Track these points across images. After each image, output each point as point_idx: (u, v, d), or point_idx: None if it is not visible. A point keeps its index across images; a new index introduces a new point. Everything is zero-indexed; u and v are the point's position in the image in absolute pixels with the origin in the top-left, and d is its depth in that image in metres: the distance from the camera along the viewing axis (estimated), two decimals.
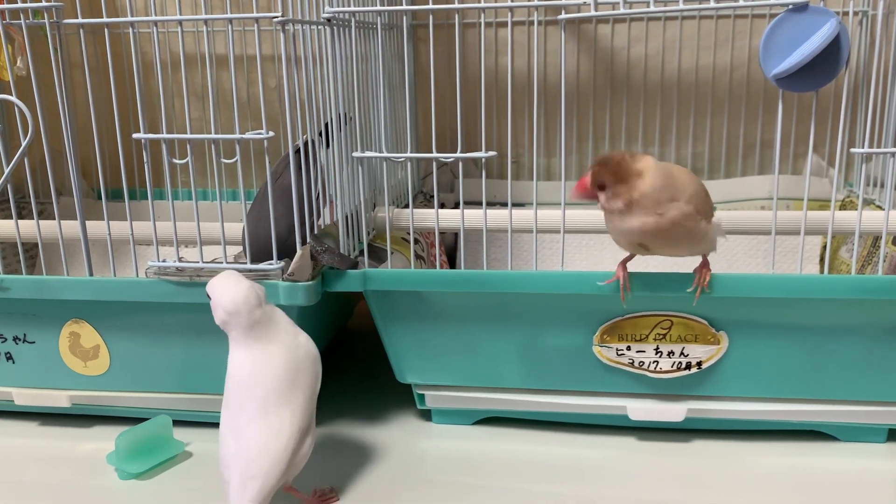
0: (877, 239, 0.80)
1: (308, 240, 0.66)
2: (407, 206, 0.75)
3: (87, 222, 0.70)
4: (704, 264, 0.62)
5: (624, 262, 0.63)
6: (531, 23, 0.98)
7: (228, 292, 0.58)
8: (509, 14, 0.63)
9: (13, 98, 0.65)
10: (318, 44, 0.69)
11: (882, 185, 0.83)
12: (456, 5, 0.62)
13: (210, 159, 0.64)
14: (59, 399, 0.74)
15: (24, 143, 0.65)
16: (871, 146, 0.62)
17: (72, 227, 0.70)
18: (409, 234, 0.81)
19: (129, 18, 0.63)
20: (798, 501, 0.62)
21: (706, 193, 0.60)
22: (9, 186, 0.68)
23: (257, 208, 0.69)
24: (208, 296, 0.59)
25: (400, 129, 0.87)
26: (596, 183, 0.57)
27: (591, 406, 0.70)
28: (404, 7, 0.68)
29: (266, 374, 0.58)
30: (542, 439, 0.72)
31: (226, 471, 0.57)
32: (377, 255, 0.73)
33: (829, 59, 0.57)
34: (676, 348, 0.66)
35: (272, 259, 0.65)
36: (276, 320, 0.59)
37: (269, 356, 0.58)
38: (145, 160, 0.65)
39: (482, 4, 0.64)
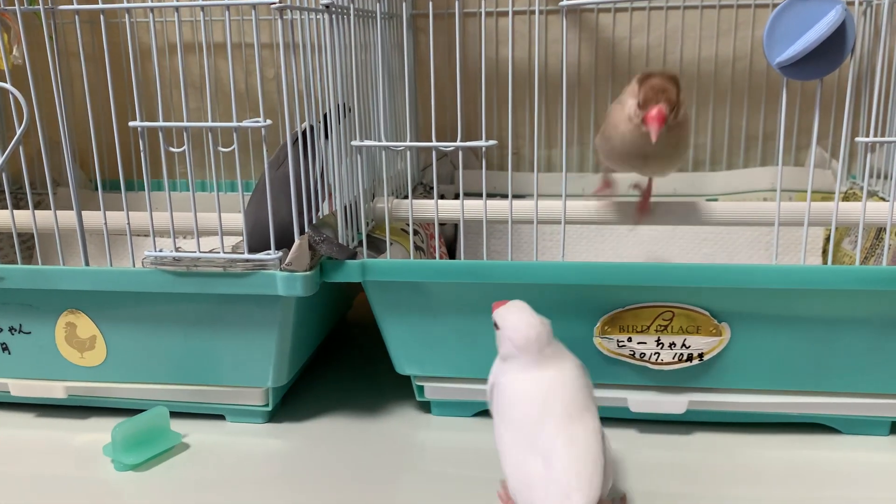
0: (880, 230, 0.79)
1: (306, 230, 0.65)
2: (406, 196, 0.74)
3: (84, 212, 0.70)
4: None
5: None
6: (532, 12, 0.97)
7: (520, 328, 0.57)
8: (510, 3, 0.62)
9: (8, 86, 0.64)
10: (317, 32, 0.68)
11: (886, 177, 0.83)
12: None
13: (208, 149, 0.64)
14: (55, 390, 0.74)
15: (18, 132, 0.64)
16: (875, 136, 0.61)
17: (68, 217, 0.70)
18: (408, 224, 0.80)
19: (125, 4, 0.62)
20: (800, 494, 0.61)
21: None
22: (5, 177, 0.68)
23: (258, 198, 0.68)
24: (496, 325, 0.59)
25: (399, 119, 0.86)
26: (674, 103, 0.60)
27: None
28: None
29: (559, 391, 0.55)
30: None
31: (528, 491, 0.52)
32: (376, 246, 0.73)
33: (833, 47, 0.56)
34: (678, 340, 0.66)
35: (271, 246, 0.64)
36: (561, 351, 0.58)
37: (558, 375, 0.56)
38: (142, 148, 0.64)
39: None
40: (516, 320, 0.57)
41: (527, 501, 0.53)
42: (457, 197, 0.68)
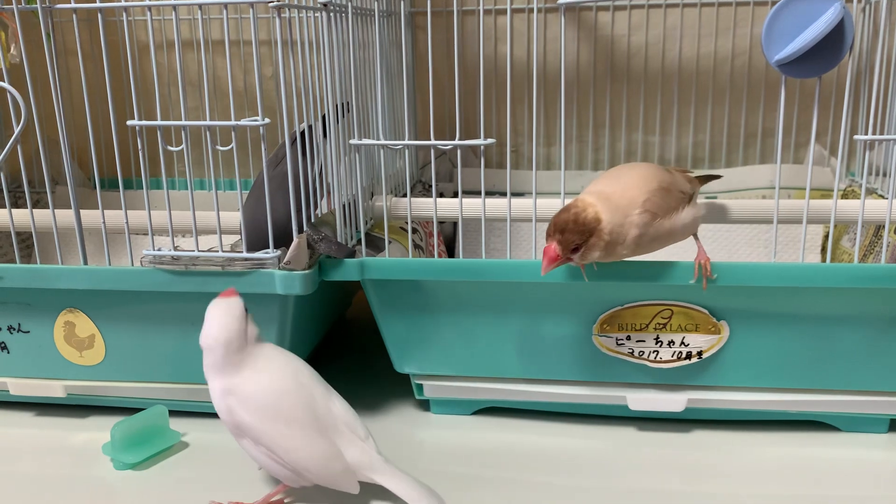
0: (879, 228, 0.79)
1: (305, 228, 0.65)
2: (405, 195, 0.74)
3: (83, 211, 0.70)
4: (701, 252, 0.62)
5: None
6: (531, 10, 0.97)
7: (211, 331, 0.58)
8: (508, 1, 0.62)
9: (6, 84, 0.64)
10: (315, 30, 0.68)
11: (885, 174, 0.83)
12: None
13: (206, 148, 0.63)
14: (54, 389, 0.73)
15: (16, 131, 0.64)
16: (873, 134, 0.61)
17: (66, 216, 0.70)
18: (407, 223, 0.80)
19: (122, 3, 0.62)
20: (798, 492, 0.61)
21: (662, 187, 0.60)
22: (4, 176, 0.68)
23: (256, 195, 0.68)
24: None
25: (398, 117, 0.86)
26: (569, 248, 0.58)
27: (591, 396, 0.70)
28: None
29: (303, 365, 0.61)
30: (542, 430, 0.71)
31: (336, 462, 0.57)
32: (375, 245, 0.73)
33: (832, 45, 0.56)
34: (677, 338, 0.66)
35: (269, 245, 0.64)
36: (264, 352, 0.60)
37: (281, 352, 0.61)
38: (140, 147, 0.64)
39: None
40: (213, 320, 0.58)
41: (334, 472, 0.57)
42: (456, 195, 0.68)
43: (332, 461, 0.57)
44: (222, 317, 0.58)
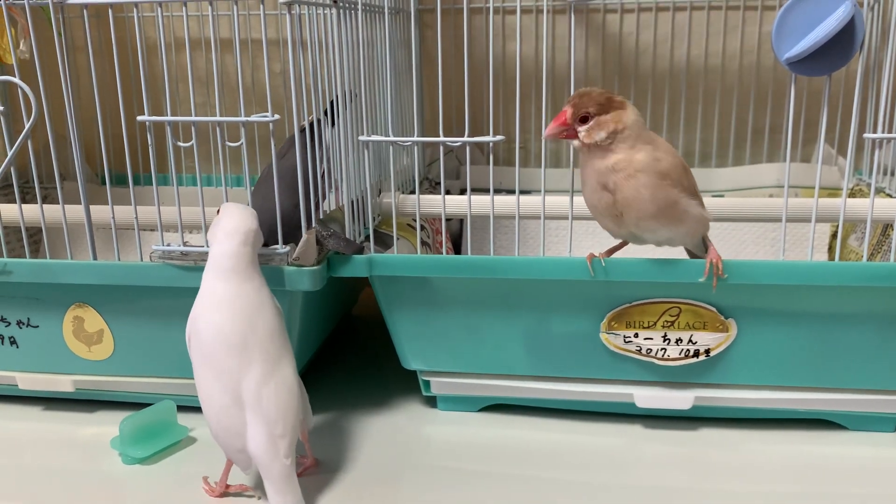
0: (887, 227, 0.79)
1: (313, 224, 0.65)
2: (412, 191, 0.74)
3: (91, 206, 0.70)
4: (712, 251, 0.62)
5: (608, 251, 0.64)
6: (539, 10, 0.97)
7: (234, 218, 0.59)
8: (518, 0, 0.62)
9: (16, 79, 0.64)
10: (324, 27, 0.68)
11: (892, 174, 0.83)
12: None
13: (215, 144, 0.64)
14: (62, 384, 0.74)
15: (27, 125, 0.65)
16: (882, 133, 0.61)
17: (75, 211, 0.70)
18: (414, 220, 0.80)
19: None
20: (805, 491, 0.61)
21: (685, 169, 0.61)
22: (13, 171, 0.68)
23: (263, 191, 0.68)
24: (218, 212, 0.61)
25: (406, 114, 0.86)
26: (578, 115, 0.57)
27: (598, 393, 0.70)
28: None
29: (260, 330, 0.58)
30: (549, 426, 0.71)
31: (234, 439, 0.58)
32: (383, 241, 0.73)
33: (842, 43, 0.56)
34: (684, 335, 0.66)
35: (277, 237, 0.64)
36: (261, 285, 0.60)
37: (257, 312, 0.59)
38: (149, 142, 0.64)
39: None
40: (237, 211, 0.60)
41: (231, 447, 0.58)
42: (462, 192, 0.68)
43: (233, 437, 0.58)
44: (241, 213, 0.60)
